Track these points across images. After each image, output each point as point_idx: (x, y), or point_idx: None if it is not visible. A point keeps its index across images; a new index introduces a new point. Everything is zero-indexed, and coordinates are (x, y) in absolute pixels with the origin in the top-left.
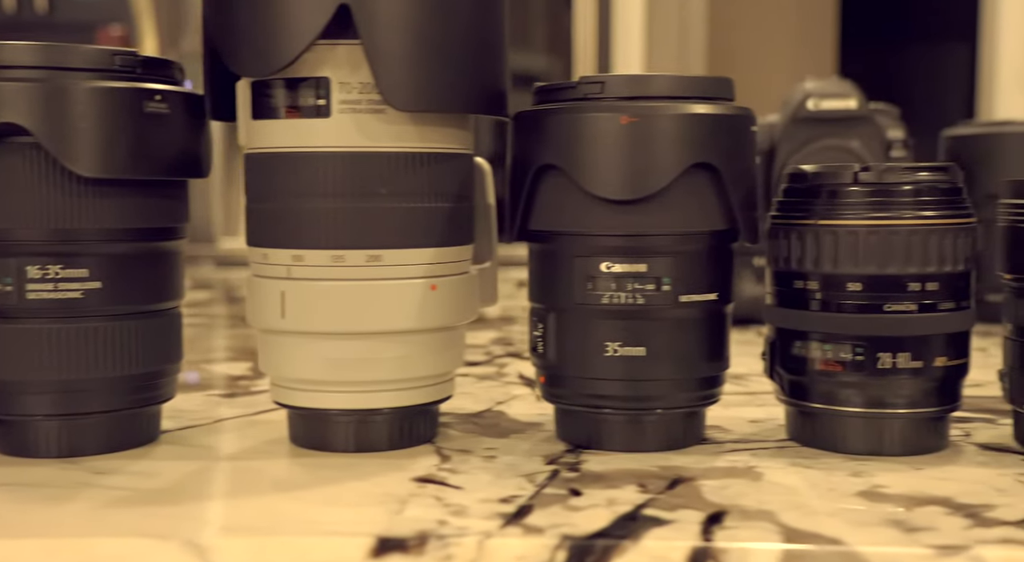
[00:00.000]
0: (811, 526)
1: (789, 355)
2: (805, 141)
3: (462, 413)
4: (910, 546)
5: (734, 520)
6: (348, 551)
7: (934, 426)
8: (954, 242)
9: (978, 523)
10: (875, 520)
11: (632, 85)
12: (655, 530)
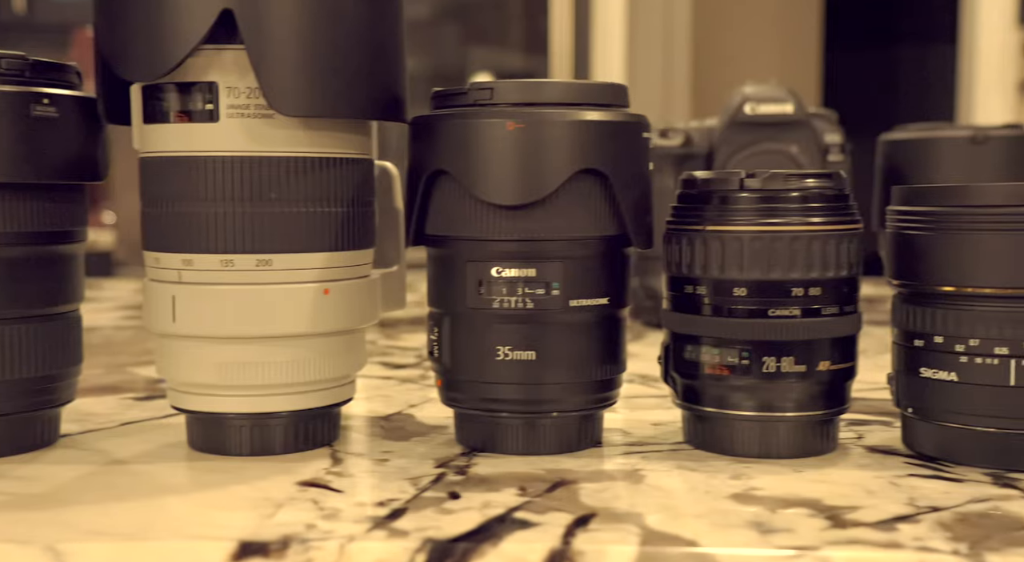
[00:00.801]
0: (673, 528)
1: (682, 359)
2: (742, 145)
3: (372, 416)
4: (762, 547)
5: (600, 523)
6: (209, 555)
7: (821, 429)
8: (837, 248)
9: (836, 525)
10: (738, 522)
11: (522, 91)
12: (519, 533)
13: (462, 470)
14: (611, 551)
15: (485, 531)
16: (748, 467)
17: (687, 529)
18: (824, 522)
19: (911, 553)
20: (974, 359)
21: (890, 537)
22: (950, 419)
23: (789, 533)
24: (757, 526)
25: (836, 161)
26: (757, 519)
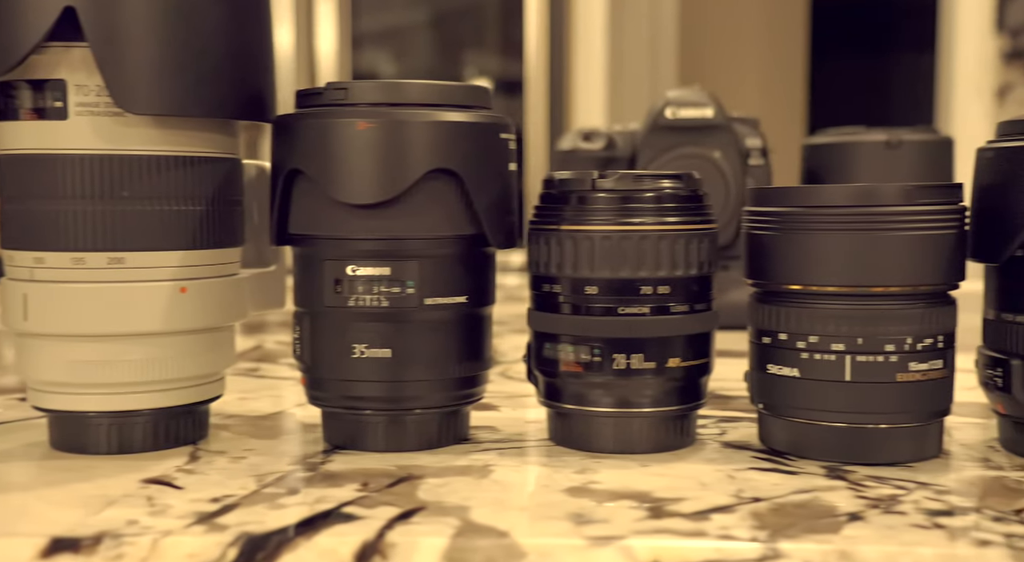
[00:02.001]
0: (493, 521)
1: (542, 357)
2: (664, 149)
3: (254, 415)
4: (569, 537)
5: (424, 516)
6: (18, 551)
7: (677, 424)
8: (687, 247)
9: (652, 516)
10: (558, 514)
11: (380, 91)
12: (338, 526)
13: (314, 467)
14: (422, 543)
15: (306, 526)
16: (599, 462)
17: (505, 521)
18: (643, 513)
19: (712, 541)
20: (813, 355)
21: (698, 527)
22: (795, 414)
23: (603, 524)
24: (576, 517)
25: (757, 165)
26: (579, 511)
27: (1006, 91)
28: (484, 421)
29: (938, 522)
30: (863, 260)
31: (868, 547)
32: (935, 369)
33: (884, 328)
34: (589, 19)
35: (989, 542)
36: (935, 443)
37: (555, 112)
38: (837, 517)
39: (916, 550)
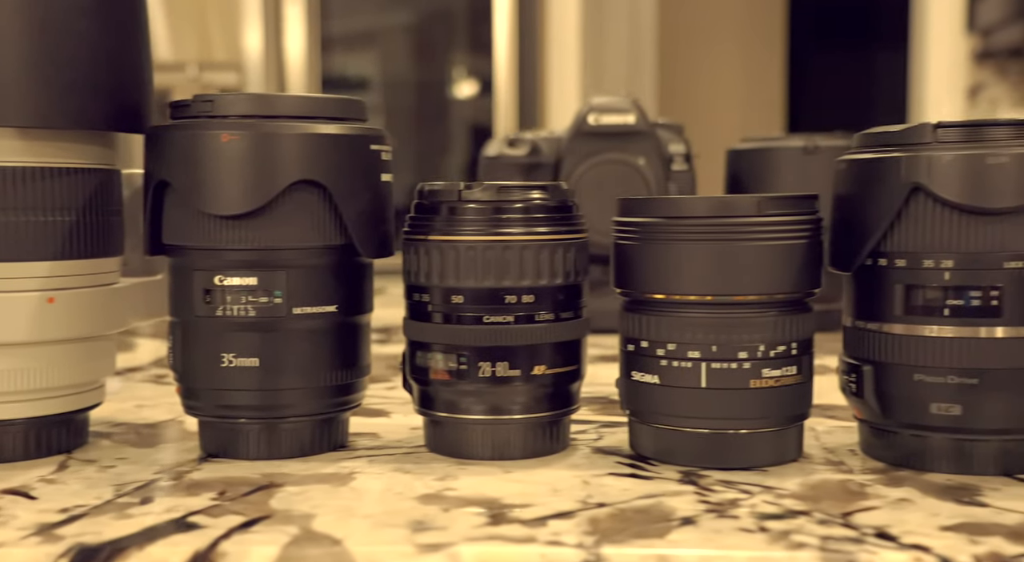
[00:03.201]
0: (332, 529)
1: (415, 366)
2: (587, 155)
3: (143, 423)
4: (400, 545)
5: (266, 525)
6: None
7: (547, 430)
8: (552, 257)
9: (492, 522)
10: (400, 522)
11: (246, 104)
12: (175, 537)
13: (179, 476)
14: (253, 552)
15: (142, 536)
16: (463, 469)
17: (345, 529)
18: (484, 520)
19: (539, 547)
20: (672, 363)
21: (531, 533)
22: (658, 421)
23: (439, 531)
24: (416, 525)
25: (680, 170)
26: (422, 518)
27: (977, 90)
28: (370, 427)
29: (765, 525)
30: (720, 270)
31: (686, 551)
32: (789, 375)
33: (737, 336)
34: (563, 21)
35: (804, 545)
36: (794, 447)
37: (527, 114)
38: (670, 522)
39: (731, 553)
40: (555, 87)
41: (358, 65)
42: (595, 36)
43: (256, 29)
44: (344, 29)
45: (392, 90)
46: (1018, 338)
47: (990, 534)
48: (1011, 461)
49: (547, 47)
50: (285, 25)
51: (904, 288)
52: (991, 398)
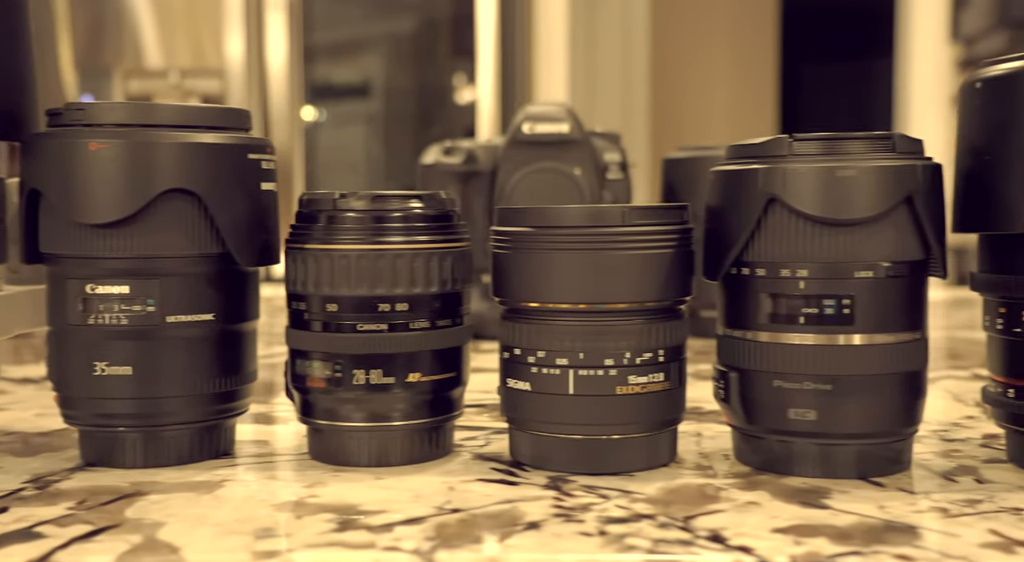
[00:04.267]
0: (176, 537)
1: (295, 374)
2: (522, 163)
3: (36, 431)
4: (237, 552)
5: (111, 534)
6: None
7: (428, 436)
8: (427, 265)
9: (339, 529)
10: (248, 529)
11: (121, 112)
12: (13, 546)
13: (46, 485)
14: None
15: None
16: (337, 476)
17: (187, 538)
18: (332, 526)
19: (374, 552)
20: (542, 370)
21: (372, 539)
22: (531, 427)
23: (283, 538)
24: (263, 532)
25: (615, 179)
26: (272, 526)
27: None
28: (263, 435)
29: (606, 529)
30: (587, 278)
31: (518, 554)
32: (656, 382)
33: (603, 343)
34: (551, 32)
35: (635, 547)
36: (666, 451)
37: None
38: (515, 527)
39: (560, 557)
40: (543, 92)
41: (349, 72)
42: (585, 50)
43: (238, 36)
44: (334, 37)
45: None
46: (870, 345)
47: (817, 535)
48: (868, 464)
49: (535, 60)
50: (267, 32)
51: (764, 297)
52: (845, 403)
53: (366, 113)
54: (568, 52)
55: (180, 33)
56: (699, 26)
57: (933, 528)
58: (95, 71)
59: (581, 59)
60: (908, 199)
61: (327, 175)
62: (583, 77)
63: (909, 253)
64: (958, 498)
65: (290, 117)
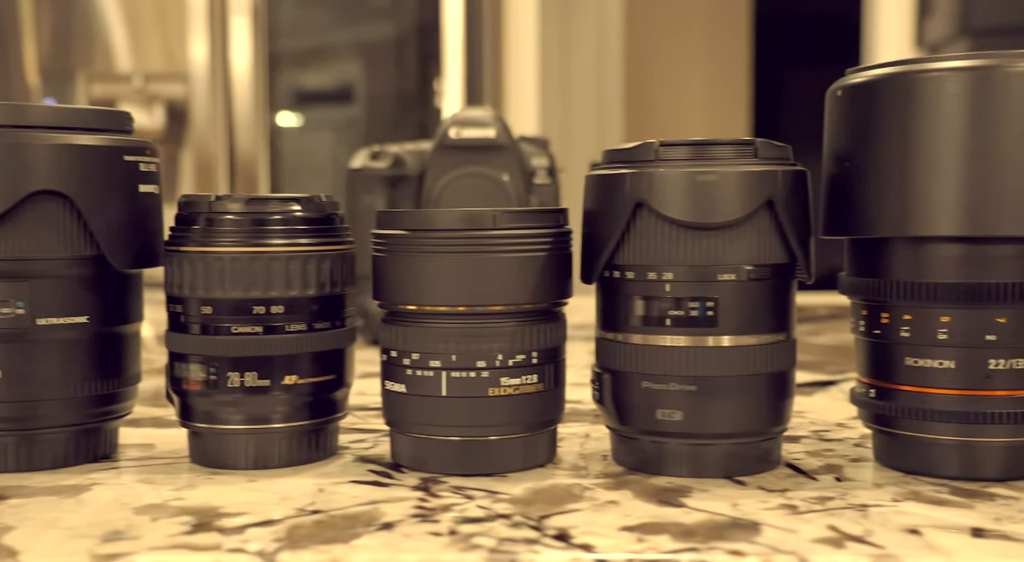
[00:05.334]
0: (22, 541)
1: (173, 377)
2: (449, 168)
3: None
4: (77, 556)
5: None
6: None
7: (308, 439)
8: (303, 268)
9: (191, 531)
10: (98, 532)
11: None
12: None
13: None
14: None
15: None
16: (211, 479)
17: (31, 542)
18: (186, 529)
19: (217, 554)
20: (416, 372)
21: (220, 541)
22: (407, 429)
23: (132, 541)
24: (111, 535)
25: (543, 184)
26: (125, 528)
27: None
28: (153, 438)
29: (458, 529)
30: (459, 281)
31: (361, 555)
32: (529, 383)
33: (476, 346)
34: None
35: (478, 546)
36: (544, 452)
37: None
38: (368, 527)
39: (402, 556)
40: (513, 98)
41: (328, 77)
42: (559, 55)
43: (202, 40)
44: (314, 42)
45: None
46: (733, 347)
47: (662, 533)
48: (736, 464)
49: (506, 70)
50: (231, 37)
51: (632, 299)
52: (710, 404)
53: (346, 118)
54: (539, 57)
55: (144, 37)
56: (673, 30)
57: (775, 525)
58: (59, 75)
59: (554, 63)
60: (769, 204)
61: (294, 180)
62: (555, 81)
63: (771, 256)
64: (812, 496)
65: (255, 122)
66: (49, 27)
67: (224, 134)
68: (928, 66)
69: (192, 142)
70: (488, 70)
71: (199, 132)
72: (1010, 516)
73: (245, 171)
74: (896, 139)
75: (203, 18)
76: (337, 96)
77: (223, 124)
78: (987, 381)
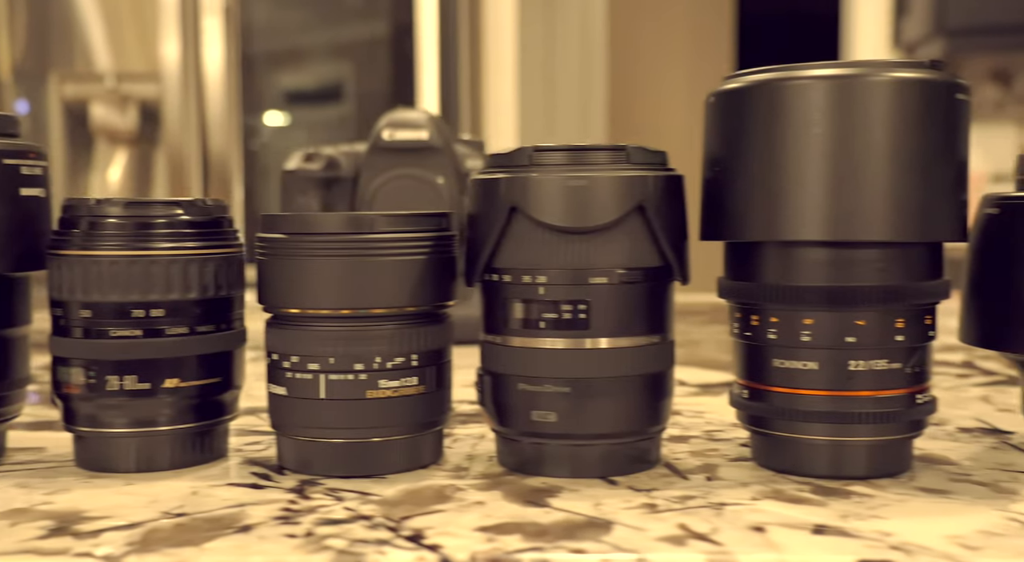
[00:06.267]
0: None
1: (56, 381)
2: (382, 169)
3: None
4: None
5: None
6: None
7: (195, 442)
8: (184, 271)
9: (49, 535)
10: None
11: None
12: None
13: None
14: None
15: None
16: (88, 482)
17: None
18: (41, 533)
19: (66, 558)
20: (296, 375)
21: (69, 545)
22: (290, 431)
23: None
24: None
25: None
26: None
27: None
28: (43, 441)
29: (316, 531)
30: (340, 284)
31: (210, 558)
32: (409, 386)
33: (353, 348)
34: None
35: (328, 548)
36: (429, 453)
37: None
38: (226, 530)
39: (248, 559)
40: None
41: (318, 77)
42: (543, 52)
43: (174, 40)
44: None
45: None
46: (605, 349)
47: (514, 533)
48: (613, 464)
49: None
50: (203, 36)
51: (510, 302)
52: (584, 405)
53: (338, 117)
54: (519, 56)
55: (117, 37)
56: (657, 29)
57: (628, 523)
58: (31, 75)
59: (537, 63)
60: (640, 208)
61: (268, 180)
62: (538, 81)
63: (644, 260)
64: (676, 495)
65: (228, 122)
66: (23, 27)
67: (197, 134)
68: (793, 74)
69: (165, 142)
70: (464, 71)
71: (172, 132)
72: (857, 514)
73: (218, 171)
74: (763, 146)
75: (175, 18)
76: (326, 95)
77: (196, 124)
78: (849, 382)
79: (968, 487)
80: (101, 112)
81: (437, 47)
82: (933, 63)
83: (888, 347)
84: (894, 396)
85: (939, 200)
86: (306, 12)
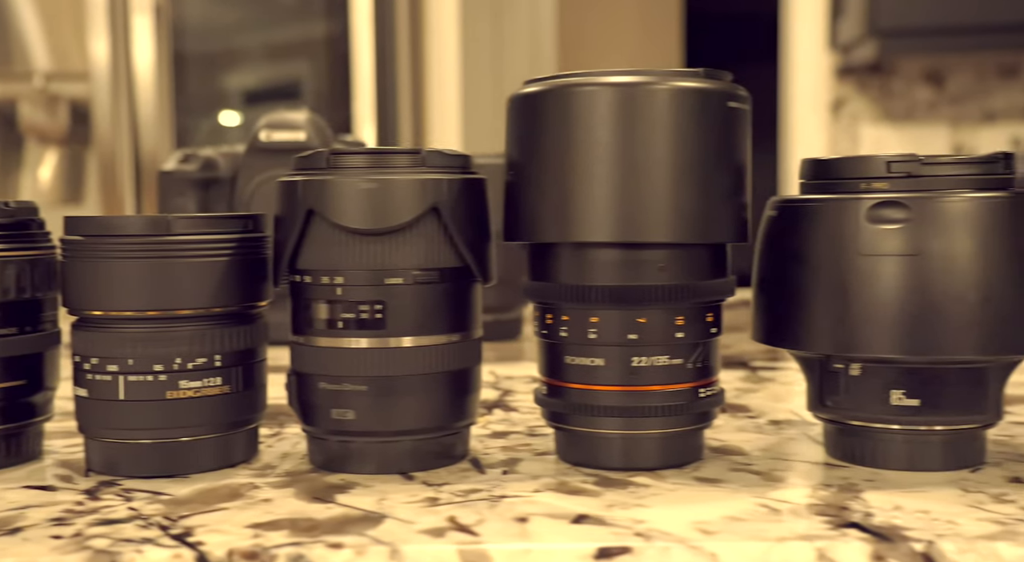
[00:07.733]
0: None
1: None
2: (259, 171)
3: None
4: None
5: None
6: None
7: (5, 443)
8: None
9: None
10: None
11: None
12: None
13: None
14: None
15: None
16: None
17: None
18: None
19: None
20: (96, 376)
21: None
22: (92, 433)
23: None
24: None
25: None
26: None
27: (840, 105)
28: None
29: (87, 532)
30: (140, 286)
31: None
32: (212, 386)
33: (153, 350)
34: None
35: (88, 548)
36: (241, 452)
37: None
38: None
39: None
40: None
41: (276, 76)
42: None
43: (103, 38)
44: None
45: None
46: (402, 348)
47: (282, 529)
48: (417, 459)
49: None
50: (133, 35)
51: (310, 303)
52: (383, 403)
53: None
54: (463, 58)
55: (45, 36)
56: (606, 31)
57: (400, 517)
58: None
59: (485, 65)
60: (435, 210)
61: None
62: (486, 81)
63: (440, 261)
64: (463, 488)
65: (160, 122)
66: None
67: (128, 135)
68: (583, 81)
69: (96, 142)
70: (404, 73)
71: (103, 132)
72: (623, 503)
73: (150, 172)
74: (556, 150)
75: (103, 17)
76: (283, 94)
77: (127, 124)
78: (634, 377)
79: (742, 476)
80: (30, 112)
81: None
82: (708, 72)
83: (669, 344)
84: (678, 390)
85: (718, 203)
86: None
